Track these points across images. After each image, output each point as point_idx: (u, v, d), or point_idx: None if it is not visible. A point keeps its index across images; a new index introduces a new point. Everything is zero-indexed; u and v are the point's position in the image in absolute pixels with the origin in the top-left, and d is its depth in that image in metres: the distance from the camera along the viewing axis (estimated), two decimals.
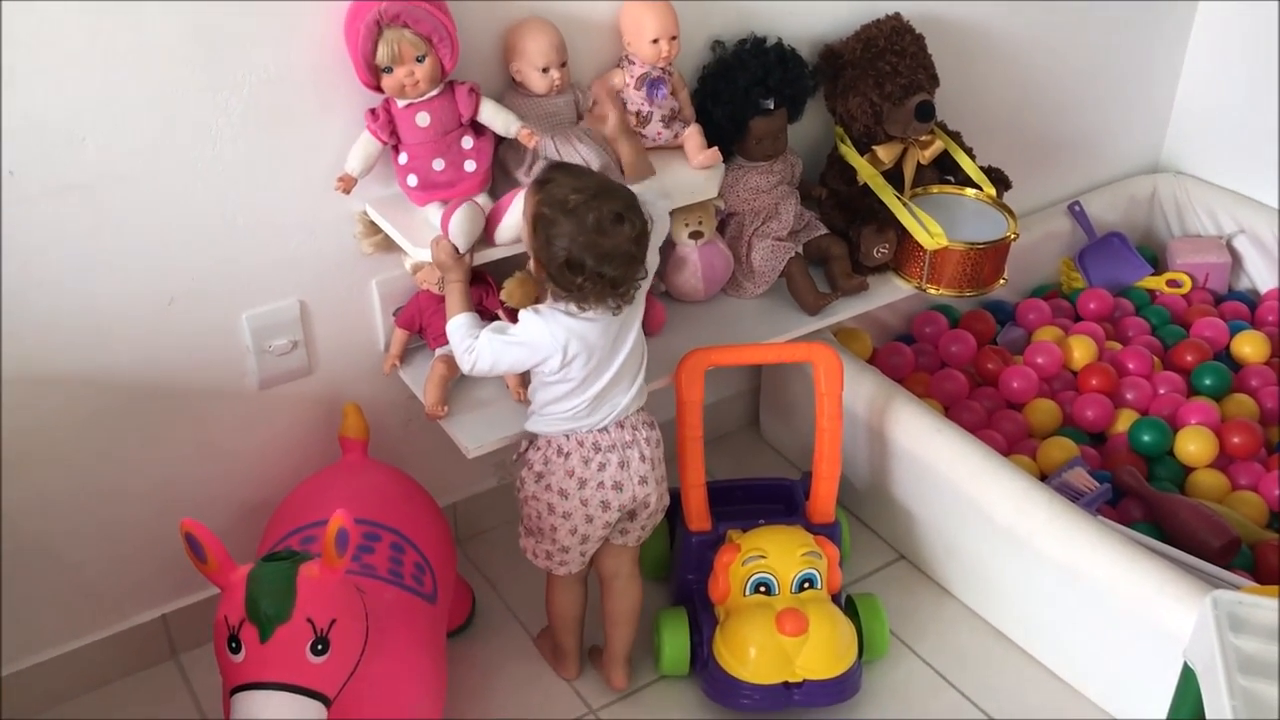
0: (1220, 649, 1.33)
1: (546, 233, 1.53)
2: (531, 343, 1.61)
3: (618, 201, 1.54)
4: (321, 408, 1.89)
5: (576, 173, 1.60)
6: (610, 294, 1.56)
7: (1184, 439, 2.15)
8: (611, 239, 1.52)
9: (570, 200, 1.51)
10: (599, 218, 1.51)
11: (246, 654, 1.35)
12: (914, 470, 2.04)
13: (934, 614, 2.03)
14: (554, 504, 1.71)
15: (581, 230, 1.51)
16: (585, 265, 1.52)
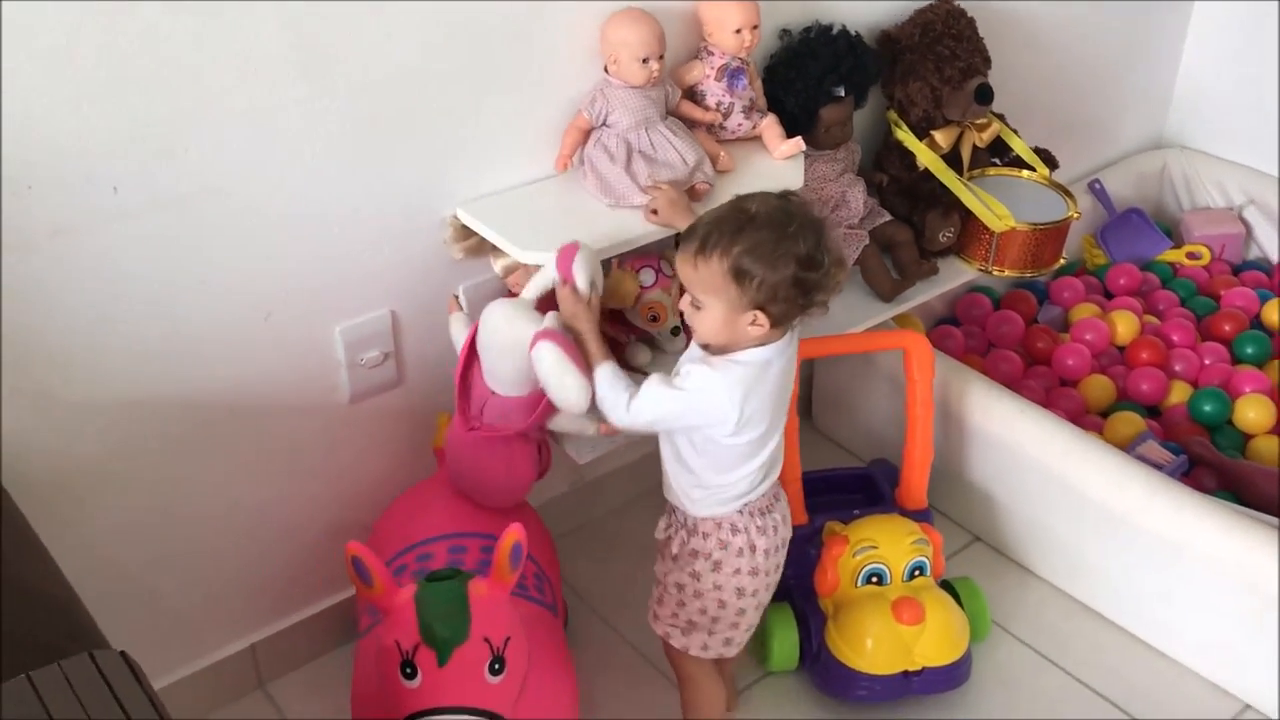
0: None
1: (761, 265, 1.37)
2: (704, 398, 1.43)
3: (805, 219, 1.42)
4: (408, 421, 1.83)
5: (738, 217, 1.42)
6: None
7: (1243, 407, 2.20)
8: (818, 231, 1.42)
9: (779, 221, 1.38)
10: (806, 230, 1.39)
11: (423, 679, 1.30)
12: (994, 452, 2.05)
13: (1020, 595, 2.05)
14: (743, 586, 1.56)
15: (803, 241, 1.38)
16: (819, 266, 1.39)
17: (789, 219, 1.39)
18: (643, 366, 1.84)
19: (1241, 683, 1.84)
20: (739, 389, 1.43)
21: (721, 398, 1.42)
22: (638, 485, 2.23)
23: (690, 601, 1.59)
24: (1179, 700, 1.85)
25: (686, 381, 1.45)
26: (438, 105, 1.62)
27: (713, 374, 1.43)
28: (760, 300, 1.39)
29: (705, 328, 1.44)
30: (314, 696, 1.86)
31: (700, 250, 1.40)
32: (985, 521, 2.14)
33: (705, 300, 1.42)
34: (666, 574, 1.61)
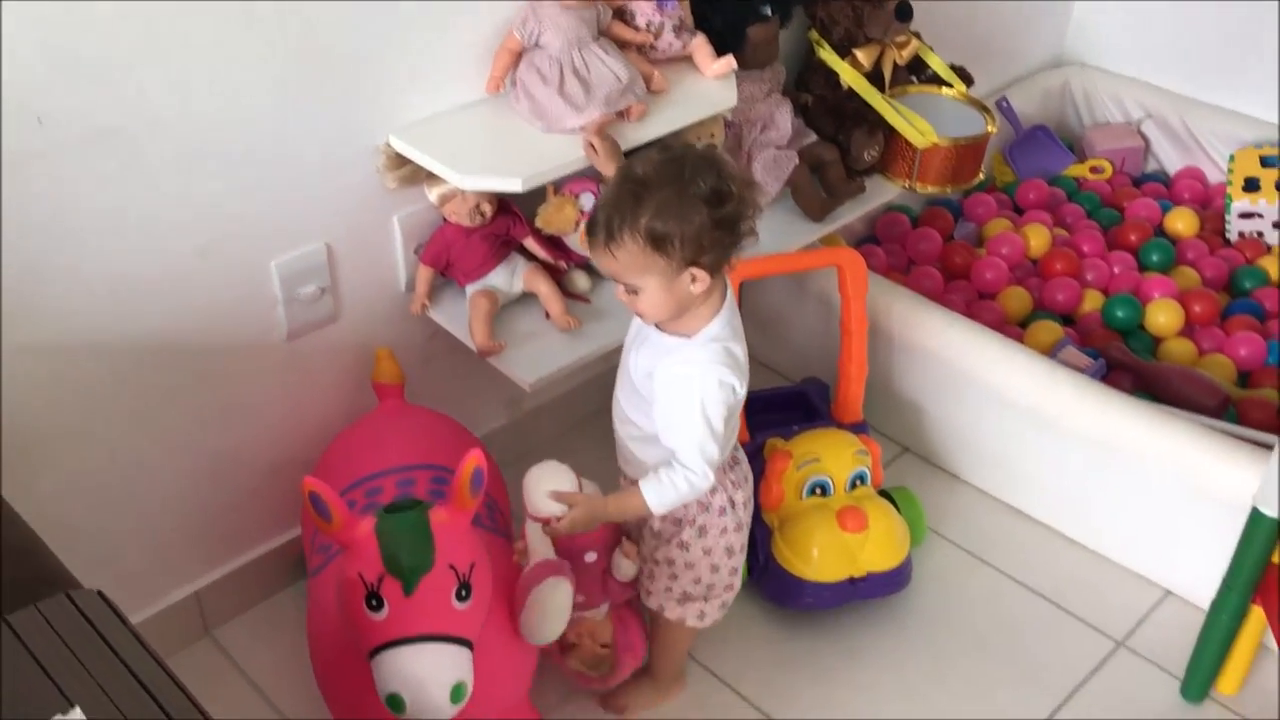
0: None
1: (673, 222, 1.32)
2: (715, 393, 1.40)
3: (696, 159, 1.38)
4: (348, 355, 1.80)
5: (632, 176, 1.38)
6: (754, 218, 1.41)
7: (1153, 311, 2.29)
8: (722, 168, 1.38)
9: (670, 174, 1.34)
10: (702, 169, 1.35)
11: (390, 610, 1.29)
12: (922, 364, 2.10)
13: (952, 501, 2.12)
14: (731, 545, 1.58)
15: (703, 181, 1.33)
16: (730, 197, 1.34)
17: (680, 166, 1.35)
18: (584, 293, 1.84)
19: (1165, 571, 1.94)
20: (729, 366, 1.42)
21: (725, 377, 1.41)
22: (576, 413, 2.23)
23: (683, 574, 1.58)
24: (1106, 590, 1.94)
25: (692, 403, 1.40)
26: (366, 30, 1.57)
27: (699, 370, 1.40)
28: (689, 256, 1.34)
29: (650, 308, 1.40)
30: (262, 640, 1.84)
31: (609, 238, 1.35)
32: (914, 432, 2.20)
33: (637, 283, 1.38)
34: (653, 551, 1.59)
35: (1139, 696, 1.77)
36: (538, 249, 1.79)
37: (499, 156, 1.66)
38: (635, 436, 1.53)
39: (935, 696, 1.78)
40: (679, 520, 1.56)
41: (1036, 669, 1.82)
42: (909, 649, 1.84)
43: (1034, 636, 1.87)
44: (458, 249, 1.75)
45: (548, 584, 1.43)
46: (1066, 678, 1.80)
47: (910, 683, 1.79)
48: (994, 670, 1.81)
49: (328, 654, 1.50)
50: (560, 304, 1.76)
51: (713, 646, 1.81)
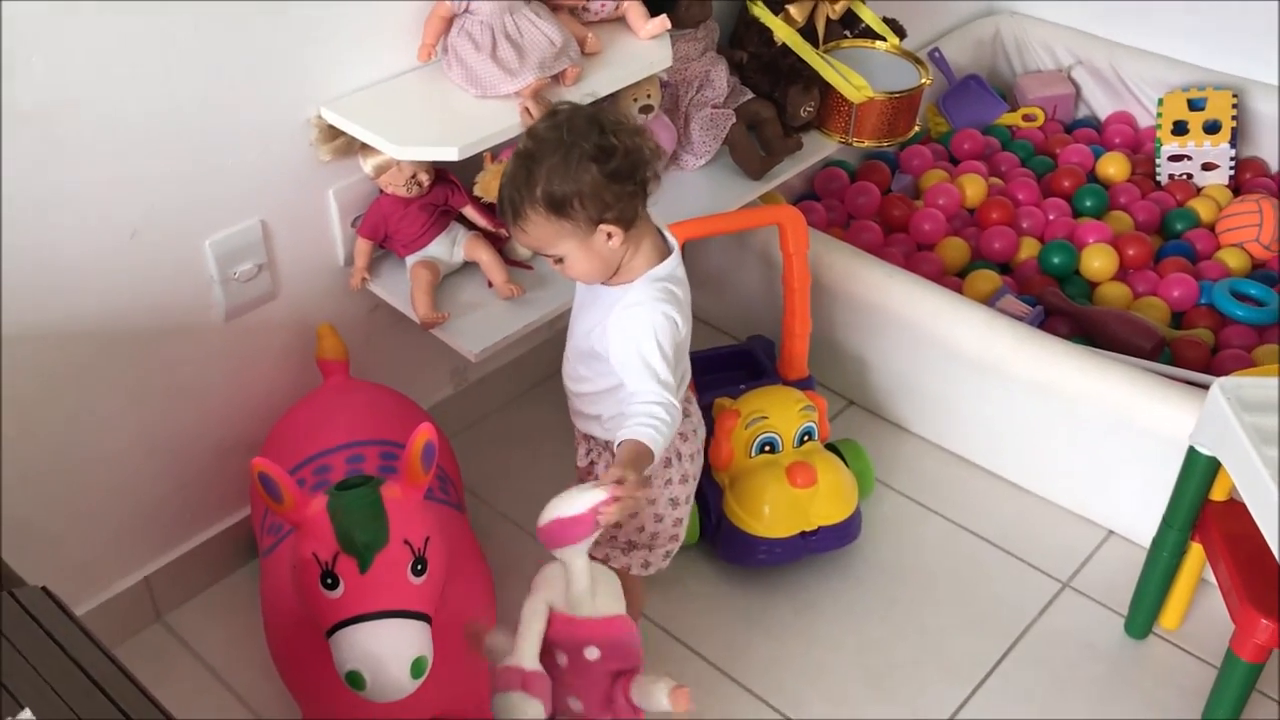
0: (1241, 428, 1.48)
1: (566, 184, 1.34)
2: (666, 326, 1.41)
3: (577, 120, 1.38)
4: (289, 333, 1.78)
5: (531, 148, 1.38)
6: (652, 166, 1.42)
7: (1088, 256, 2.32)
8: (608, 121, 1.39)
9: (553, 140, 1.35)
10: (584, 129, 1.36)
11: (346, 587, 1.29)
12: (864, 317, 2.12)
13: (897, 452, 2.14)
14: (675, 496, 1.58)
15: (586, 141, 1.35)
16: (616, 150, 1.36)
17: (561, 128, 1.36)
18: (526, 260, 1.83)
19: (1106, 511, 1.98)
20: (670, 302, 1.43)
21: (668, 311, 1.42)
22: (522, 381, 2.23)
23: (627, 521, 1.57)
24: (1051, 532, 1.98)
25: (645, 333, 1.41)
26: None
27: (645, 308, 1.41)
28: (595, 214, 1.36)
29: (580, 271, 1.43)
30: (214, 623, 1.82)
31: (515, 216, 1.38)
32: (858, 385, 2.22)
33: (557, 250, 1.40)
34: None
35: (1085, 635, 1.82)
36: (477, 217, 1.78)
37: (434, 125, 1.63)
38: (587, 393, 1.55)
39: (891, 645, 1.81)
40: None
41: (986, 613, 1.85)
42: (862, 600, 1.87)
43: (983, 581, 1.91)
44: (395, 220, 1.73)
45: (514, 699, 1.28)
46: (1015, 620, 1.84)
47: (865, 633, 1.82)
48: (946, 616, 1.85)
49: (284, 634, 1.49)
50: (502, 272, 1.75)
51: (669, 607, 1.83)
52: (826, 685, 1.75)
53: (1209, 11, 2.65)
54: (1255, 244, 2.35)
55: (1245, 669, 1.56)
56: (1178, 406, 1.76)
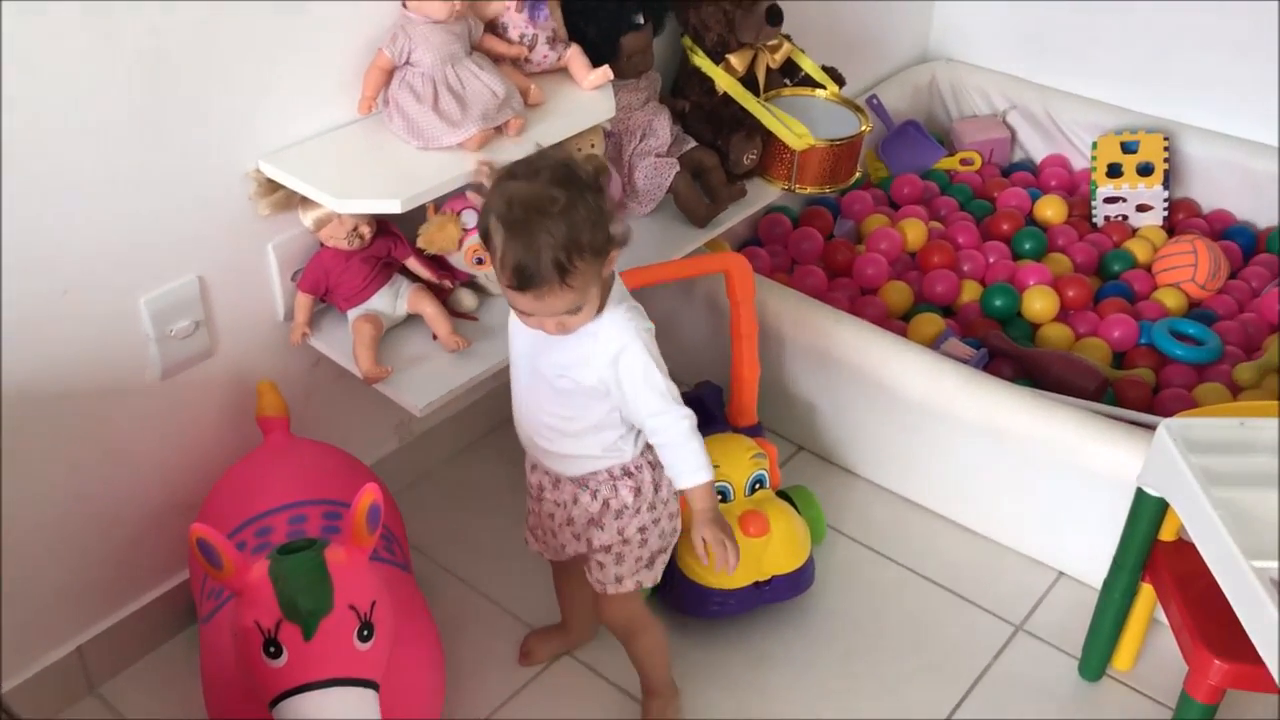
0: (1189, 469, 1.48)
1: (602, 219, 1.32)
2: (640, 321, 1.42)
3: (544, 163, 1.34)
4: (227, 391, 1.73)
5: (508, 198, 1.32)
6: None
7: (1029, 299, 2.35)
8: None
9: (559, 188, 1.30)
10: (564, 169, 1.33)
11: (290, 656, 1.24)
12: (811, 363, 2.12)
13: (848, 497, 2.14)
14: (674, 504, 1.60)
15: (580, 177, 1.32)
16: (579, 168, 1.34)
17: (550, 177, 1.30)
18: (471, 311, 1.80)
19: (1057, 553, 1.99)
20: (641, 315, 1.44)
21: (645, 324, 1.43)
22: (468, 433, 2.20)
23: (651, 529, 1.57)
24: (1002, 576, 1.98)
25: (644, 358, 1.40)
26: (230, 53, 1.51)
27: (628, 333, 1.40)
28: (605, 240, 1.34)
29: (589, 313, 1.38)
30: (151, 693, 1.76)
31: (564, 274, 1.29)
32: (807, 430, 2.21)
33: (588, 297, 1.35)
34: (622, 530, 1.55)
35: (1039, 677, 1.81)
36: (421, 269, 1.75)
37: (375, 178, 1.61)
38: (563, 431, 1.50)
39: (846, 696, 1.79)
40: (637, 489, 1.53)
41: (941, 659, 1.84)
42: (817, 650, 1.85)
43: (936, 626, 1.90)
44: (337, 274, 1.70)
45: None
46: (970, 665, 1.83)
47: (821, 685, 1.80)
48: (900, 664, 1.83)
49: (226, 703, 1.43)
50: (447, 324, 1.72)
51: (620, 659, 1.79)
52: None
53: (1139, 57, 2.72)
54: (1191, 284, 2.38)
55: (1200, 710, 1.56)
56: (1124, 448, 1.77)
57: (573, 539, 1.60)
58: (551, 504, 1.59)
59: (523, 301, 1.34)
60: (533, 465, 1.61)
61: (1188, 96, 2.67)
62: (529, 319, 1.38)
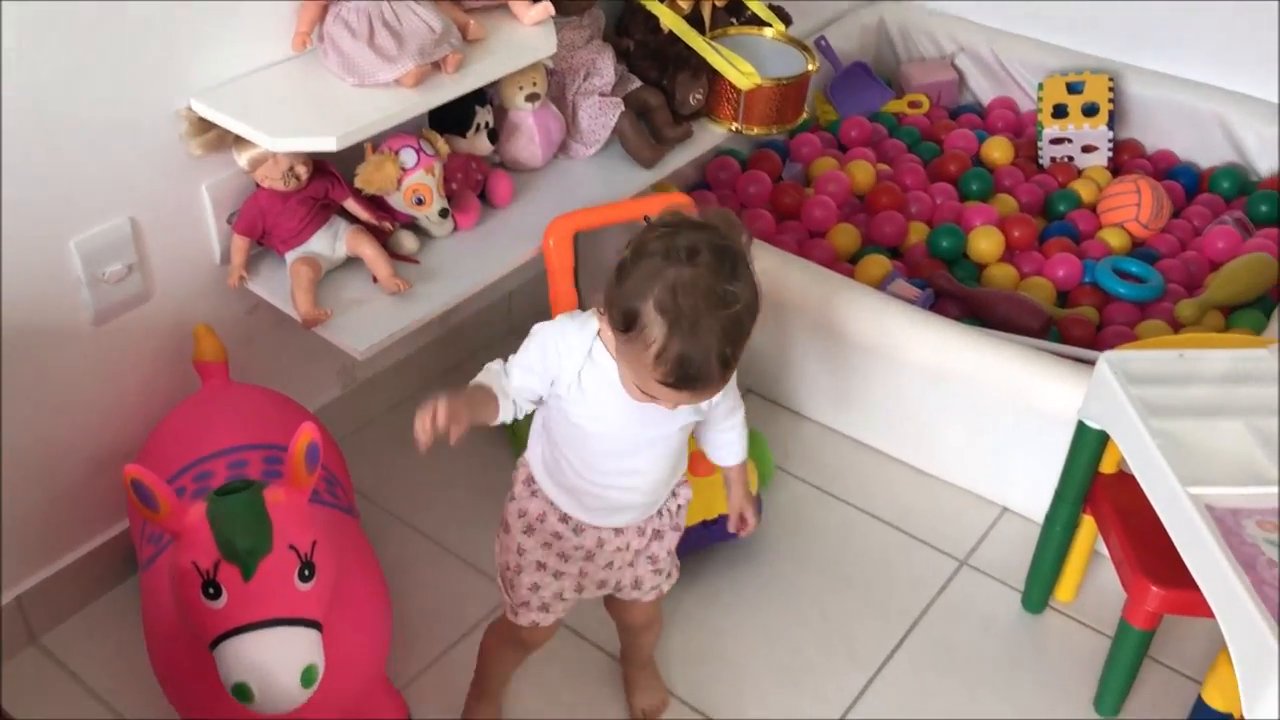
0: (1128, 401, 1.50)
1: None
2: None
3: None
4: (163, 335, 1.70)
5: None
6: None
7: (975, 239, 2.35)
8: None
9: (751, 291, 1.23)
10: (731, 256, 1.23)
11: (230, 596, 1.22)
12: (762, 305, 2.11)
13: (795, 438, 2.14)
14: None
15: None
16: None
17: (718, 289, 1.19)
18: (412, 254, 1.78)
19: (1001, 489, 2.01)
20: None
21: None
22: (412, 379, 2.18)
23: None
24: (947, 512, 2.00)
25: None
26: None
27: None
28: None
29: None
30: (94, 642, 1.74)
31: (725, 370, 1.20)
32: (756, 374, 2.22)
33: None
34: (677, 526, 1.52)
35: (984, 611, 1.84)
36: (359, 210, 1.72)
37: (310, 115, 1.58)
38: (668, 479, 1.44)
39: (794, 633, 1.80)
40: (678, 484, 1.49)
41: (887, 595, 1.86)
42: (765, 587, 1.87)
43: (882, 563, 1.92)
44: (273, 215, 1.66)
45: None
46: (916, 599, 1.85)
47: (769, 622, 1.81)
48: (847, 601, 1.85)
49: (167, 649, 1.42)
50: (387, 266, 1.70)
51: None
52: (732, 676, 1.74)
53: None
54: (1135, 223, 2.40)
55: (1138, 636, 1.59)
56: (1067, 383, 1.79)
57: (644, 565, 1.51)
58: (612, 551, 1.46)
59: (677, 397, 1.23)
60: (578, 528, 1.44)
61: (1132, 38, 2.67)
62: (644, 396, 1.26)
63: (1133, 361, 1.57)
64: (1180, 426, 1.46)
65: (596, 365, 1.31)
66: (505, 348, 2.37)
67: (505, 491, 1.49)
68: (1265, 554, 1.30)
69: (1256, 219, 2.44)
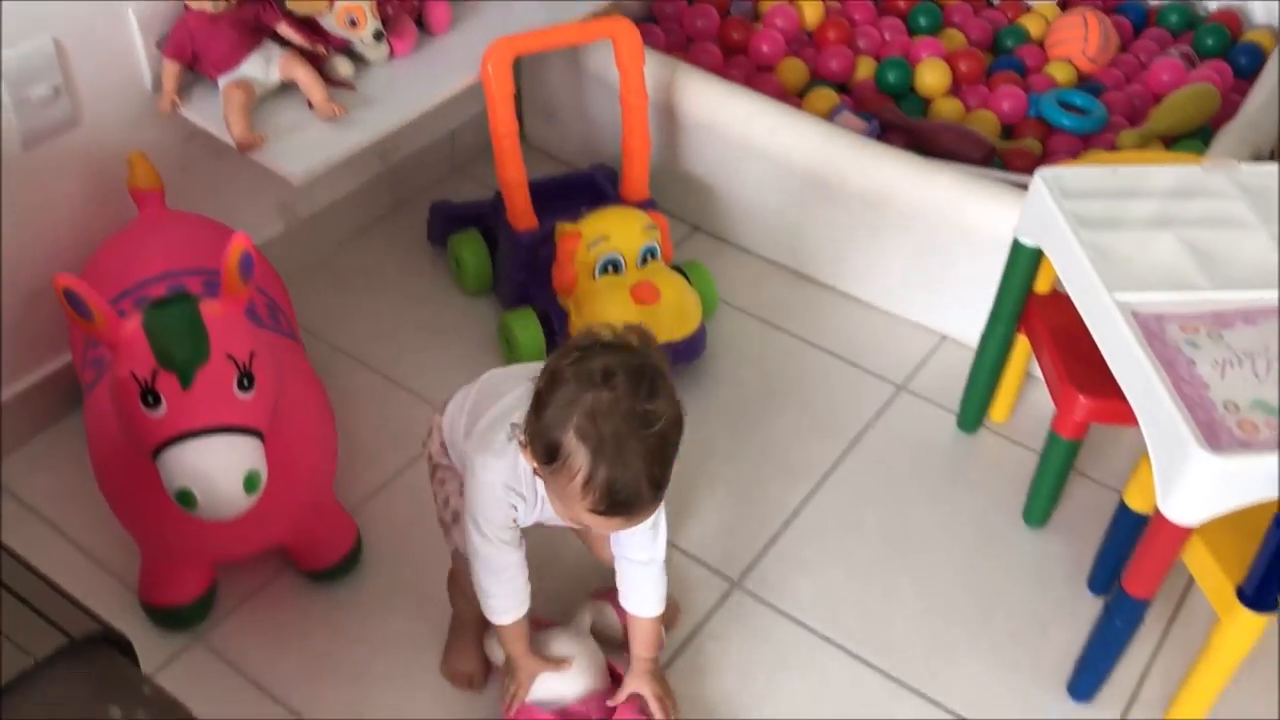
0: (1061, 214, 1.52)
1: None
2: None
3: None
4: (96, 163, 1.67)
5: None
6: None
7: (922, 72, 2.34)
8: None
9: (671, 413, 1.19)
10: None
11: (169, 405, 1.24)
12: (708, 140, 2.11)
13: (741, 273, 2.16)
14: None
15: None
16: None
17: (640, 410, 1.16)
18: (347, 79, 1.75)
19: (940, 318, 2.04)
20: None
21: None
22: (354, 219, 2.16)
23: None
24: (888, 341, 2.04)
25: None
26: None
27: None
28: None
29: None
30: (43, 472, 1.75)
31: (659, 491, 1.20)
32: (704, 210, 2.22)
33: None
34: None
35: (920, 431, 1.89)
36: (293, 34, 1.68)
37: None
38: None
39: (736, 452, 1.84)
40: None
41: (827, 418, 1.90)
42: (708, 413, 1.90)
43: (824, 389, 1.96)
44: (203, 37, 1.62)
45: None
46: (854, 422, 1.90)
47: (711, 444, 1.85)
48: (787, 423, 1.89)
49: (111, 467, 1.44)
50: (322, 91, 1.67)
51: None
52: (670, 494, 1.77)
53: None
54: (1081, 56, 2.39)
55: (1065, 446, 1.64)
56: (1005, 205, 1.81)
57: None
58: None
59: (610, 524, 1.22)
60: None
61: None
62: (580, 526, 1.27)
63: (1067, 178, 1.58)
64: (1110, 238, 1.48)
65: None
66: (449, 188, 2.38)
67: (454, 331, 1.47)
68: (1185, 354, 1.34)
69: (1203, 52, 2.44)
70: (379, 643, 1.58)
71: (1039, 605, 1.66)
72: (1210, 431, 1.25)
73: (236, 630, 1.58)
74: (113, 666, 0.84)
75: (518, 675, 1.41)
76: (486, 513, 1.31)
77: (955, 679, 1.57)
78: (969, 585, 1.68)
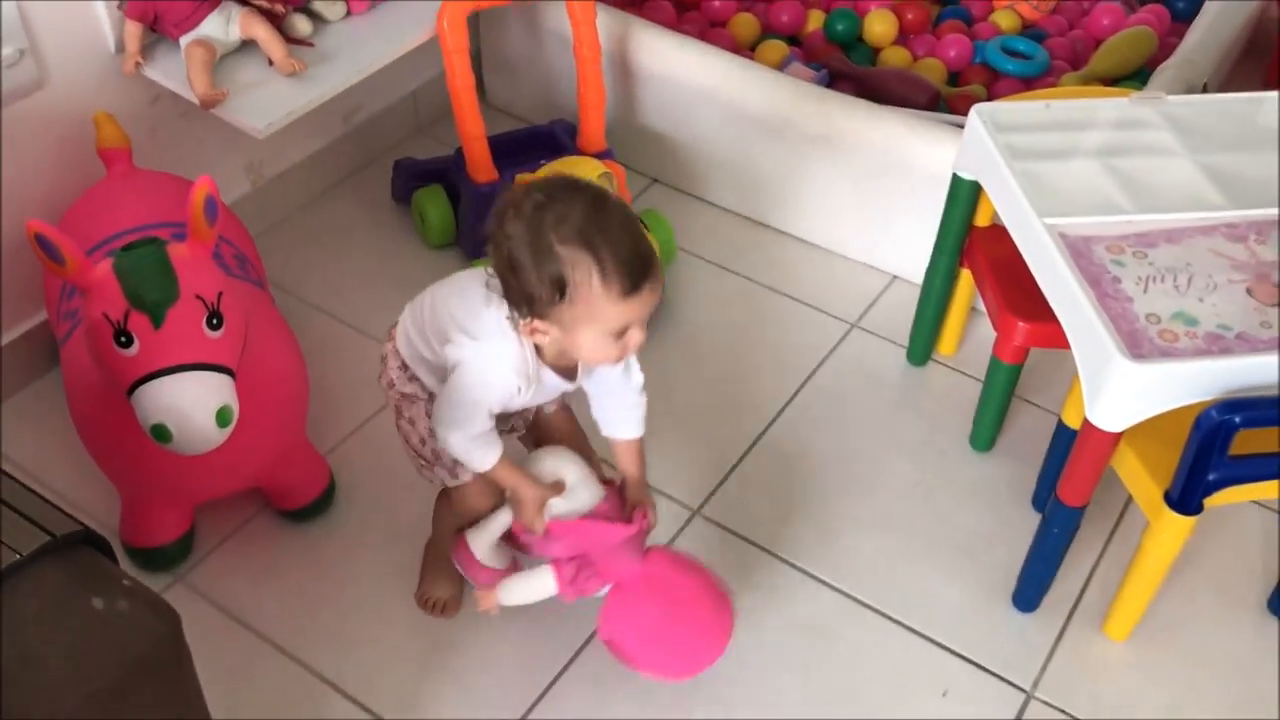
0: (996, 147, 1.59)
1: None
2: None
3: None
4: (63, 125, 1.72)
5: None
6: None
7: (870, 22, 2.41)
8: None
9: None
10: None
11: (141, 344, 1.30)
12: (662, 91, 2.16)
13: (698, 222, 2.22)
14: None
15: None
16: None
17: (597, 193, 1.26)
18: (306, 37, 1.80)
19: (891, 259, 2.11)
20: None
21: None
22: (322, 177, 2.21)
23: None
24: (841, 282, 2.11)
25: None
26: None
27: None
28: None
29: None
30: (25, 426, 1.80)
31: (654, 262, 1.24)
32: (661, 162, 2.28)
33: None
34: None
35: (871, 365, 1.96)
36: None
37: None
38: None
39: (697, 392, 1.91)
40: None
41: (782, 355, 1.98)
42: (666, 356, 1.96)
43: (779, 329, 2.03)
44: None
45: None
46: (809, 359, 1.97)
47: (669, 384, 1.92)
48: (743, 360, 1.96)
49: (89, 413, 1.49)
50: (282, 48, 1.72)
51: None
52: None
53: None
54: (1025, 4, 2.46)
55: (1007, 371, 1.72)
56: (946, 145, 1.87)
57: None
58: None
59: (644, 303, 1.24)
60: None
61: None
62: (615, 344, 1.27)
63: (1002, 112, 1.65)
64: (1042, 168, 1.55)
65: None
66: (413, 147, 2.42)
67: (420, 283, 1.51)
68: (1110, 272, 1.42)
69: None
70: (354, 576, 1.64)
71: (985, 524, 1.74)
72: (1133, 341, 1.32)
73: (217, 569, 1.64)
74: (94, 562, 0.90)
75: (526, 505, 1.41)
76: (484, 397, 1.34)
77: (906, 594, 1.65)
78: (919, 507, 1.76)
